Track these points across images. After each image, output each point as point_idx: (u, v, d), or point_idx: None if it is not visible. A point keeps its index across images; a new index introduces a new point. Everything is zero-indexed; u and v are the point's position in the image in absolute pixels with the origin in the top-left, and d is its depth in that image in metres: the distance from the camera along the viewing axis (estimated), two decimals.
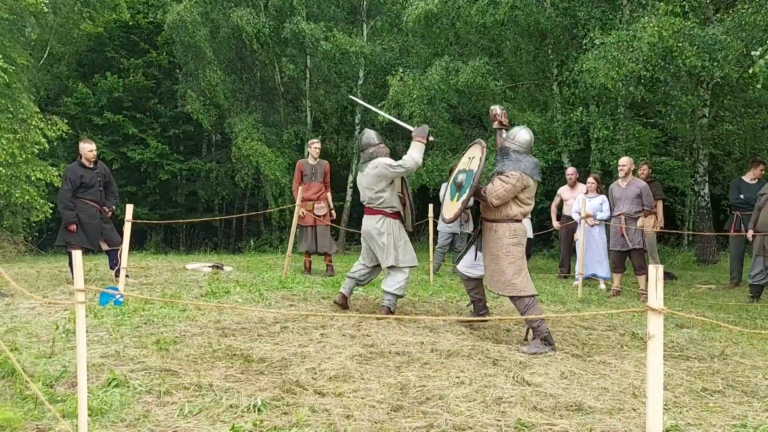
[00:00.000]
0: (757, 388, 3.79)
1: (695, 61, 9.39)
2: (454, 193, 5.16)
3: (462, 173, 5.07)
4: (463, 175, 5.03)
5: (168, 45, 19.34)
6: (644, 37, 9.28)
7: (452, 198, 5.20)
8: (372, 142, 5.59)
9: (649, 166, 9.59)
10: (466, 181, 4.93)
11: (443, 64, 12.74)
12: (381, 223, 5.47)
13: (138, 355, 4.07)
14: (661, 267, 2.19)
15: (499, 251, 4.77)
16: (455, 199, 5.10)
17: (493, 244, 4.81)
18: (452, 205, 5.17)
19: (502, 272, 4.73)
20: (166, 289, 6.93)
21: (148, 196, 19.20)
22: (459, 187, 5.05)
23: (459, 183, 5.07)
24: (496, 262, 4.77)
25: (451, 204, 5.20)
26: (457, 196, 5.04)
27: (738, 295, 8.09)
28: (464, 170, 5.07)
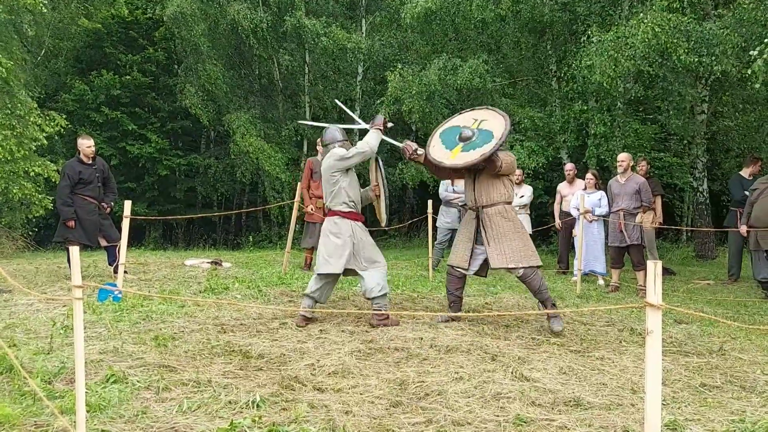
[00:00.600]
0: (756, 384, 3.79)
1: (690, 57, 9.37)
2: (454, 144, 5.21)
3: (468, 129, 5.20)
4: (471, 131, 5.17)
5: (166, 40, 19.31)
6: (638, 33, 9.26)
7: (452, 147, 5.21)
8: (336, 138, 5.34)
9: (648, 162, 9.59)
10: (479, 138, 5.08)
11: (440, 64, 12.71)
12: (337, 225, 5.11)
13: (136, 351, 4.07)
14: (659, 263, 2.18)
15: (509, 228, 5.08)
16: (459, 150, 5.13)
17: (504, 222, 5.09)
18: (455, 152, 5.14)
19: (523, 245, 5.06)
20: (165, 285, 6.93)
21: (146, 192, 19.18)
22: (466, 140, 5.15)
23: (467, 137, 5.16)
24: (512, 238, 5.05)
25: (453, 152, 5.17)
26: (463, 148, 5.11)
27: (736, 291, 8.10)
28: (471, 128, 5.20)
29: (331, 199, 5.17)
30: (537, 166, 12.59)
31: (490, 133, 5.08)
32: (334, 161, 5.14)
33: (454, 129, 5.35)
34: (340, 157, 5.11)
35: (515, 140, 12.74)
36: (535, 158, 12.36)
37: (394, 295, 6.41)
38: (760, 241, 7.33)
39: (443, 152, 5.22)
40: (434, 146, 5.33)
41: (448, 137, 5.31)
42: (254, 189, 20.85)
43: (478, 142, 5.06)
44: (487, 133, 5.09)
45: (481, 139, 5.07)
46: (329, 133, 5.39)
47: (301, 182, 8.33)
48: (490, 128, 5.11)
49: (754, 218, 7.38)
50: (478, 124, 5.21)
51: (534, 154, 12.39)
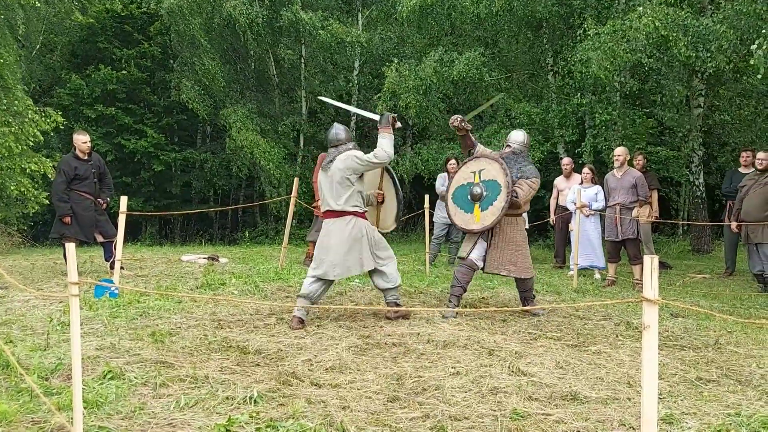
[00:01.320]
0: (751, 377, 3.81)
1: (689, 52, 9.37)
2: (471, 205, 5.47)
3: (476, 186, 5.44)
4: (479, 187, 5.41)
5: (161, 35, 19.23)
6: (640, 27, 9.25)
7: (470, 210, 5.48)
8: (340, 137, 5.10)
9: (645, 156, 9.60)
10: (491, 191, 5.35)
11: (436, 57, 12.69)
12: (352, 225, 4.97)
13: (133, 348, 4.07)
14: (656, 258, 2.19)
15: (521, 239, 5.50)
16: (479, 209, 5.41)
17: (518, 234, 5.49)
18: (477, 214, 5.42)
19: (525, 258, 5.47)
20: (162, 281, 6.92)
21: (142, 187, 19.14)
22: (478, 198, 5.42)
23: (477, 194, 5.41)
24: (520, 250, 5.45)
25: (474, 214, 5.44)
26: (480, 206, 5.41)
27: (732, 284, 8.13)
28: (476, 184, 5.45)
29: (345, 200, 4.95)
30: (533, 160, 12.58)
31: (495, 182, 5.35)
32: (354, 163, 4.93)
33: (461, 189, 5.57)
34: (364, 161, 4.94)
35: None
36: (531, 153, 12.33)
37: None
38: (750, 235, 7.38)
39: (466, 217, 5.49)
40: (455, 214, 5.59)
41: (460, 200, 5.55)
42: (251, 184, 20.82)
43: (491, 196, 5.35)
44: (493, 183, 5.36)
45: (491, 191, 5.36)
46: (333, 133, 5.18)
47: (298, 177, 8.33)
48: (493, 177, 5.37)
49: (744, 213, 7.43)
50: (479, 175, 5.45)
51: (531, 149, 12.36)
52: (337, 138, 5.11)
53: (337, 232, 4.95)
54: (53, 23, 16.47)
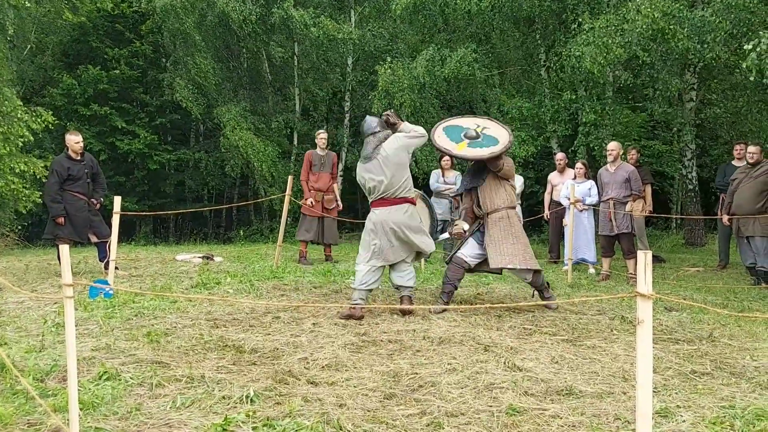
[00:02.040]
0: (745, 370, 3.83)
1: (687, 43, 9.40)
2: (460, 139, 5.51)
3: (472, 131, 5.51)
4: (474, 132, 5.49)
5: (153, 34, 19.15)
6: (639, 18, 9.26)
7: (458, 142, 5.49)
8: (374, 127, 5.24)
9: (638, 150, 9.64)
10: (485, 140, 5.43)
11: (427, 56, 12.69)
12: (409, 213, 5.16)
13: (129, 348, 4.07)
14: (649, 252, 2.20)
15: (519, 232, 5.51)
16: (465, 145, 5.44)
17: (514, 227, 5.50)
18: (461, 146, 5.44)
19: (528, 249, 5.48)
20: (156, 280, 6.91)
21: (136, 186, 19.08)
22: (471, 138, 5.48)
23: (471, 136, 5.47)
24: (521, 242, 5.46)
25: (458, 145, 5.46)
26: (469, 144, 5.45)
27: (726, 277, 8.17)
28: (475, 130, 5.50)
29: (404, 189, 5.14)
30: (527, 155, 12.62)
31: (494, 138, 5.44)
32: (405, 139, 5.11)
33: (457, 128, 5.60)
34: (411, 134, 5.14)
35: None
36: (525, 148, 12.39)
37: (386, 287, 6.42)
38: (741, 228, 7.42)
39: (449, 143, 5.50)
40: (439, 137, 5.56)
41: (452, 133, 5.56)
42: (245, 182, 20.79)
43: (484, 143, 5.42)
44: (492, 138, 5.45)
45: (487, 142, 5.43)
46: (366, 125, 5.30)
47: (293, 175, 8.33)
48: (495, 135, 5.47)
49: (735, 206, 7.47)
50: (481, 129, 5.52)
51: (524, 144, 12.41)
52: (373, 127, 5.22)
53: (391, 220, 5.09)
54: (44, 23, 16.36)
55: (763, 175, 7.26)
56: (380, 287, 6.20)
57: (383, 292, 6.27)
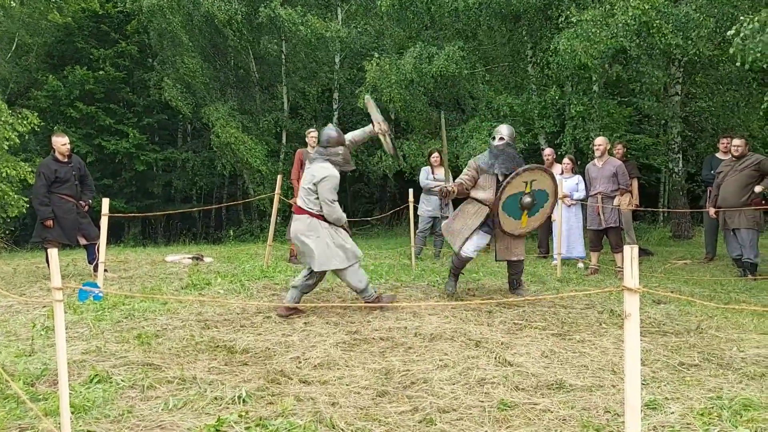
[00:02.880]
0: (732, 361, 3.88)
1: (672, 39, 9.46)
2: (520, 213, 5.72)
3: (526, 196, 5.66)
4: (529, 197, 5.67)
5: (139, 34, 19.04)
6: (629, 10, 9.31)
7: (519, 217, 5.74)
8: (331, 140, 5.21)
9: (624, 145, 9.69)
10: (539, 201, 5.74)
11: (415, 53, 12.69)
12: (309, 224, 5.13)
13: (120, 350, 4.06)
14: (636, 247, 2.23)
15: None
16: (527, 216, 5.75)
17: None
18: (524, 220, 5.75)
19: (521, 242, 5.85)
20: (146, 282, 6.88)
21: (124, 188, 18.98)
22: (529, 207, 5.71)
23: (528, 203, 5.68)
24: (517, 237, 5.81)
25: (522, 220, 5.75)
26: (529, 214, 5.75)
27: (713, 270, 8.24)
28: (527, 192, 5.67)
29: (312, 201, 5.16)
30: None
31: (544, 192, 5.74)
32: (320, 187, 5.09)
33: (512, 198, 5.69)
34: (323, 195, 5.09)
35: (493, 127, 12.78)
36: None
37: (378, 285, 6.44)
38: (727, 221, 7.50)
39: (513, 223, 5.72)
40: (504, 222, 5.70)
41: (511, 208, 5.70)
42: (233, 182, 20.72)
43: (539, 205, 5.76)
44: (542, 192, 5.73)
45: (540, 200, 5.74)
46: (325, 134, 5.27)
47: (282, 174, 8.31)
48: (543, 187, 5.71)
49: (721, 199, 7.54)
50: (530, 186, 5.67)
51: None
52: (325, 140, 5.23)
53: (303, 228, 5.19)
54: (28, 24, 16.21)
55: (748, 168, 7.33)
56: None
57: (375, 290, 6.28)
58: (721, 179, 7.61)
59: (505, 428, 2.85)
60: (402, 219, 15.79)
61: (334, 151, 5.21)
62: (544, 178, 5.69)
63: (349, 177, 19.46)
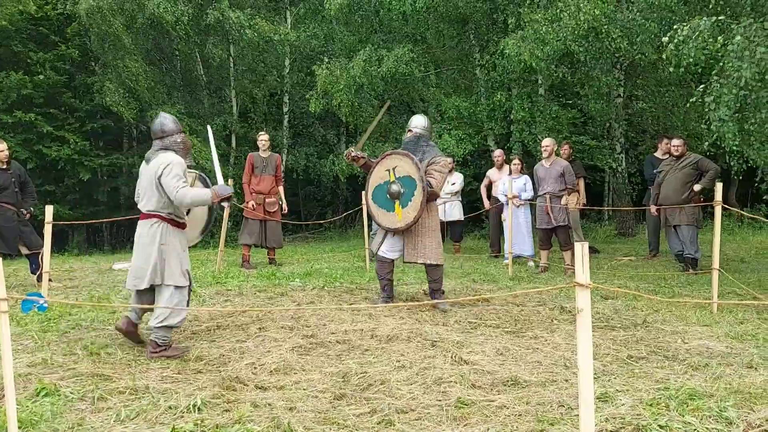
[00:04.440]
0: (677, 353, 4.03)
1: (620, 43, 9.78)
2: (391, 204, 5.47)
3: (393, 185, 5.45)
4: (396, 185, 5.44)
5: (80, 36, 18.46)
6: (579, 14, 9.54)
7: (392, 209, 5.48)
8: (166, 128, 4.40)
9: (570, 146, 9.96)
10: (407, 188, 5.39)
11: (364, 56, 12.72)
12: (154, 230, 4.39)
13: (67, 362, 3.93)
14: (586, 244, 2.29)
15: (435, 225, 5.58)
16: (400, 206, 5.44)
17: (431, 220, 5.56)
18: (399, 211, 5.44)
19: (438, 244, 5.57)
20: (93, 291, 6.68)
21: (67, 194, 18.34)
22: (397, 196, 5.44)
23: (396, 192, 5.42)
24: (433, 236, 5.54)
25: (396, 212, 5.45)
26: (401, 204, 5.43)
27: (656, 265, 8.54)
28: (392, 180, 5.46)
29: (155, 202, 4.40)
30: (465, 153, 12.83)
31: (409, 178, 5.40)
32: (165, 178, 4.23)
33: (379, 189, 5.57)
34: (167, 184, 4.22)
35: (443, 129, 12.94)
36: (463, 146, 12.59)
37: (333, 288, 6.42)
38: (668, 218, 7.79)
39: (390, 217, 5.49)
40: (378, 215, 5.57)
41: (380, 199, 5.55)
42: None
43: (409, 193, 5.41)
44: (408, 179, 5.41)
45: (408, 188, 5.41)
46: (158, 123, 4.46)
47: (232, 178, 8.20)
48: (407, 173, 5.42)
49: (663, 197, 7.84)
50: (394, 173, 5.48)
51: (462, 142, 12.62)
52: (161, 129, 4.40)
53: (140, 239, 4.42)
54: None
55: (688, 167, 7.64)
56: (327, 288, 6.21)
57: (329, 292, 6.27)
58: (662, 178, 7.90)
59: (463, 426, 2.89)
60: (355, 221, 15.79)
61: (172, 140, 4.40)
62: (406, 164, 5.44)
63: (300, 180, 19.35)
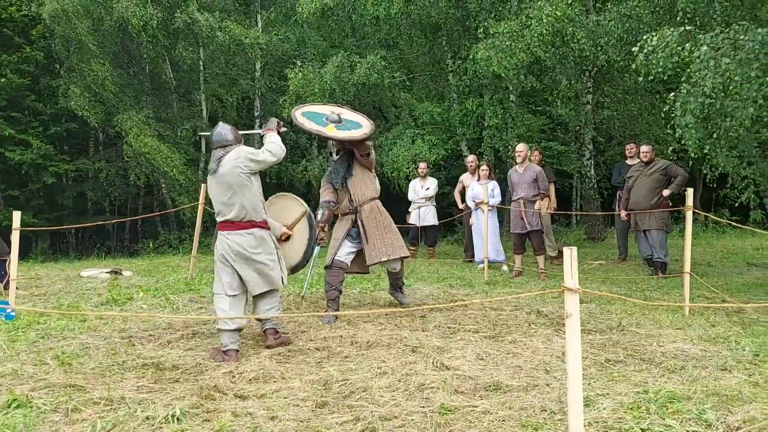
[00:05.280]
0: (654, 356, 4.09)
1: (584, 45, 9.93)
2: (325, 123, 5.38)
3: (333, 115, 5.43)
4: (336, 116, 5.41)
5: (45, 38, 18.06)
6: (543, 19, 9.67)
7: (324, 125, 5.37)
8: (226, 139, 4.43)
9: (540, 151, 10.09)
10: (348, 124, 5.40)
11: (336, 62, 12.70)
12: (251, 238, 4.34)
13: (38, 372, 3.81)
14: (575, 249, 2.31)
15: (388, 221, 5.57)
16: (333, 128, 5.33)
17: (383, 217, 5.55)
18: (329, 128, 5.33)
19: (398, 237, 5.55)
20: (62, 299, 6.51)
21: (31, 200, 17.89)
22: (335, 122, 5.37)
23: (334, 120, 5.38)
24: (391, 231, 5.53)
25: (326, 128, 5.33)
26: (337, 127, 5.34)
27: (626, 269, 8.67)
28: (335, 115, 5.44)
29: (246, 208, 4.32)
30: (438, 158, 12.89)
31: (356, 122, 5.45)
32: (247, 159, 4.30)
33: (317, 114, 5.50)
34: (251, 153, 4.34)
35: (416, 134, 12.98)
36: (436, 151, 12.64)
37: (309, 294, 6.37)
38: (638, 223, 7.93)
39: (317, 126, 5.34)
40: (303, 123, 5.33)
41: (314, 117, 5.44)
42: (149, 192, 20.00)
43: (349, 126, 5.37)
44: (353, 122, 5.45)
45: (350, 126, 5.39)
46: (217, 134, 4.48)
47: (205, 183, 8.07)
48: (354, 119, 5.49)
49: (632, 202, 7.98)
50: (339, 116, 5.48)
51: (435, 148, 12.67)
52: (221, 140, 4.43)
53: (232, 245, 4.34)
54: None
55: (657, 173, 7.78)
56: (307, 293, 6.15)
57: (305, 298, 6.21)
58: (632, 183, 8.04)
59: None
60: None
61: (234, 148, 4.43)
62: (359, 117, 5.54)
63: (272, 184, 19.19)
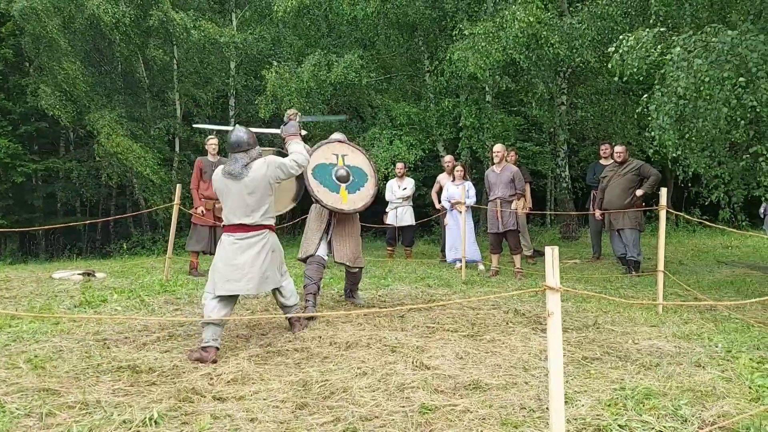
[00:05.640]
0: (629, 353, 4.14)
1: (558, 48, 10.04)
2: (336, 186, 5.48)
3: (341, 168, 5.54)
4: (344, 170, 5.54)
5: (15, 36, 17.70)
6: (515, 23, 9.76)
7: (337, 191, 5.45)
8: (247, 142, 4.46)
9: (516, 152, 10.18)
10: (357, 177, 5.56)
11: (313, 61, 12.66)
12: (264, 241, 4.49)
13: (10, 376, 3.72)
14: (556, 248, 2.33)
15: (357, 232, 5.71)
16: (345, 192, 5.48)
17: (356, 226, 5.69)
18: (344, 195, 5.46)
19: (359, 248, 5.71)
20: (34, 301, 6.37)
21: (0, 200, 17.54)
22: (344, 180, 5.51)
23: (344, 176, 5.51)
24: (356, 242, 5.67)
25: (341, 195, 5.45)
26: (347, 189, 5.51)
27: (601, 268, 8.79)
28: (340, 166, 5.54)
29: (262, 213, 4.44)
30: (416, 159, 12.92)
31: (360, 170, 5.61)
32: (278, 171, 4.45)
33: (322, 167, 5.51)
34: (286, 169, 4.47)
35: (394, 135, 12.99)
36: (413, 152, 12.67)
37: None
38: (612, 222, 8.04)
39: (333, 197, 5.44)
40: (318, 190, 5.38)
41: (324, 178, 5.47)
42: (122, 192, 19.72)
43: (358, 182, 5.56)
44: (358, 170, 5.60)
45: (358, 177, 5.57)
46: (236, 136, 4.48)
47: (180, 183, 7.99)
48: (358, 165, 5.62)
49: (607, 202, 8.09)
50: (343, 160, 5.58)
51: (412, 148, 12.70)
52: (245, 141, 4.45)
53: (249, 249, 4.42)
54: None
55: (630, 173, 7.90)
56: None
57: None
58: (606, 183, 8.15)
59: (428, 431, 2.88)
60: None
61: (257, 151, 4.50)
62: (358, 156, 5.61)
63: None
